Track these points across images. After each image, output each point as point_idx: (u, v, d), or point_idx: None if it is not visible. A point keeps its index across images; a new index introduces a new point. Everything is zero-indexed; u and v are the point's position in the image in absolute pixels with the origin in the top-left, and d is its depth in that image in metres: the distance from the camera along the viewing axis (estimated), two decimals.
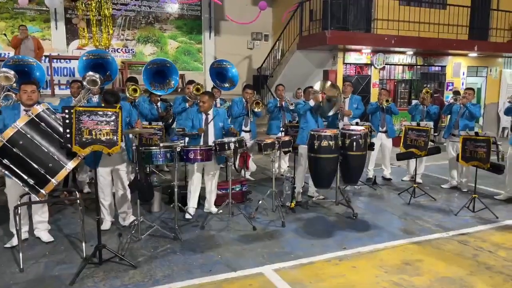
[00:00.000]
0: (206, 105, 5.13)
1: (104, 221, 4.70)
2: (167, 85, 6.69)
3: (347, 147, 5.15)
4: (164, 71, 6.71)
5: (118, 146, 3.63)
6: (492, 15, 12.21)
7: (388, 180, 7.19)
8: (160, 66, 6.72)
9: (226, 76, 7.63)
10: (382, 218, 5.28)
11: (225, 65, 7.70)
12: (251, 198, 6.00)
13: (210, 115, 5.21)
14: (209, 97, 5.20)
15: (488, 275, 3.70)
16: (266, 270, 3.78)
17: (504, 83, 12.66)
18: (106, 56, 6.77)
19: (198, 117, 5.18)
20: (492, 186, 6.62)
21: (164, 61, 6.90)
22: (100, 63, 6.56)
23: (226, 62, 7.75)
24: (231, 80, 7.67)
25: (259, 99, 7.07)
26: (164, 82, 6.71)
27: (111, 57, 6.79)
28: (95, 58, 6.61)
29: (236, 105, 6.75)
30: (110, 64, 6.61)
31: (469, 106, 6.24)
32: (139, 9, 11.23)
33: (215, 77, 7.52)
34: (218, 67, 7.67)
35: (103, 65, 6.56)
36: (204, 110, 5.16)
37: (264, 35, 12.80)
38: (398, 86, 11.39)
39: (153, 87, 6.62)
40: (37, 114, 3.67)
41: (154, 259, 3.98)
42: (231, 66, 7.73)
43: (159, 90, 6.67)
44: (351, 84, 7.45)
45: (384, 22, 10.28)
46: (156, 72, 6.72)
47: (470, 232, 4.76)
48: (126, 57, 11.19)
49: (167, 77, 6.70)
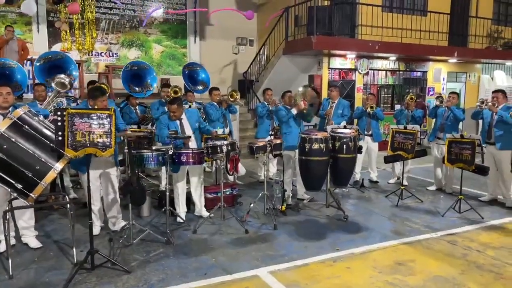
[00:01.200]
0: (177, 114, 4.99)
1: (94, 226, 4.58)
2: (145, 88, 6.63)
3: (337, 149, 5.21)
4: (141, 74, 6.65)
5: (112, 148, 3.58)
6: (471, 22, 12.60)
7: (375, 182, 7.29)
8: (138, 69, 6.66)
9: (197, 79, 7.63)
10: (372, 219, 5.34)
11: (196, 67, 7.72)
12: (242, 201, 5.98)
13: (184, 120, 5.10)
14: (178, 105, 5.01)
15: (479, 274, 3.79)
16: (262, 273, 3.77)
17: (483, 88, 13.05)
18: (61, 56, 6.49)
19: (174, 124, 5.01)
20: (476, 188, 6.79)
21: (143, 63, 6.86)
22: (57, 65, 6.30)
23: (196, 65, 7.77)
24: (203, 82, 7.69)
25: (233, 90, 7.06)
26: (142, 85, 6.65)
27: (65, 56, 6.50)
28: (50, 60, 6.33)
29: (210, 110, 6.64)
30: (67, 64, 6.34)
31: (453, 109, 6.41)
32: (123, 12, 11.12)
33: (188, 81, 7.51)
34: (190, 69, 7.67)
35: (61, 66, 6.32)
36: (176, 119, 5.02)
37: (249, 40, 12.85)
38: (381, 91, 11.60)
39: (132, 90, 6.54)
40: (19, 117, 3.57)
41: (147, 263, 3.92)
42: (201, 68, 7.75)
43: (137, 93, 6.60)
44: (337, 88, 7.55)
45: (367, 28, 10.47)
46: (134, 75, 6.65)
47: (458, 232, 4.87)
48: (110, 61, 11.04)
49: (145, 79, 6.64)
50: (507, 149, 5.76)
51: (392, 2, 11.41)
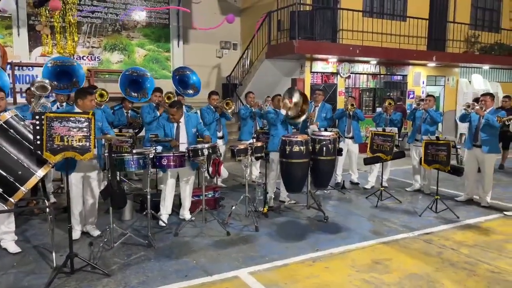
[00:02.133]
0: (177, 116, 5.12)
1: (73, 231, 4.56)
2: (141, 95, 6.67)
3: (317, 152, 5.30)
4: (141, 81, 6.71)
5: (91, 152, 3.59)
6: (449, 27, 12.94)
7: (355, 184, 7.42)
8: (138, 75, 6.72)
9: (188, 83, 7.66)
10: (351, 220, 5.45)
11: (187, 72, 7.74)
12: (224, 204, 6.03)
13: (181, 123, 5.21)
14: (177, 108, 5.12)
15: (452, 271, 3.91)
16: (242, 274, 3.82)
17: (461, 92, 13.39)
18: (72, 63, 6.67)
19: (169, 126, 5.17)
20: (453, 189, 6.97)
21: (144, 71, 6.94)
22: (65, 70, 6.45)
23: (187, 69, 7.79)
24: (194, 86, 7.72)
25: (229, 99, 7.17)
26: (139, 91, 6.69)
27: (77, 63, 6.69)
28: (61, 64, 6.49)
29: (206, 113, 6.76)
30: (76, 71, 6.51)
31: (430, 111, 6.58)
32: (106, 16, 11.07)
33: (178, 84, 7.53)
34: (180, 74, 7.70)
35: (69, 72, 6.45)
36: (175, 121, 5.16)
37: (233, 44, 12.93)
38: (363, 94, 11.80)
39: (128, 94, 6.58)
40: (6, 121, 3.56)
41: (128, 266, 3.93)
42: (192, 72, 7.78)
43: (133, 97, 6.63)
44: (322, 92, 7.65)
45: (349, 33, 10.66)
46: (133, 81, 6.70)
47: (434, 232, 5.00)
48: (92, 65, 10.97)
49: (143, 87, 6.70)
50: (492, 152, 5.90)
51: (373, 8, 11.64)
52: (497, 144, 5.96)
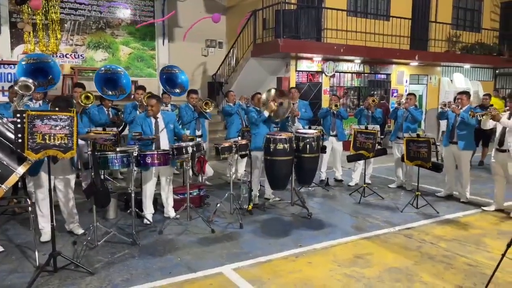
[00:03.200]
0: (155, 109, 5.08)
1: (43, 233, 4.47)
2: (119, 92, 6.60)
3: (301, 149, 5.36)
4: (116, 78, 6.59)
5: (74, 150, 3.59)
6: (431, 26, 13.16)
7: (339, 181, 7.52)
8: (112, 73, 6.60)
9: (176, 82, 7.63)
10: (335, 216, 5.54)
11: (175, 70, 7.70)
12: (209, 202, 6.05)
13: (159, 119, 5.18)
14: (157, 100, 5.14)
15: (431, 264, 4.02)
16: (226, 270, 3.87)
17: (443, 90, 13.64)
18: (47, 60, 6.49)
19: (147, 122, 5.09)
20: (433, 185, 7.12)
21: (117, 68, 6.80)
22: (40, 68, 6.29)
23: (175, 68, 7.75)
24: (181, 85, 7.70)
25: (208, 99, 7.16)
26: (116, 89, 6.61)
27: (51, 60, 6.51)
28: (35, 62, 6.34)
29: (184, 111, 6.71)
30: (51, 68, 6.36)
31: (411, 110, 6.72)
32: (89, 14, 10.97)
33: (165, 83, 7.50)
34: (168, 72, 7.66)
35: (44, 69, 6.31)
36: (153, 114, 5.10)
37: (219, 42, 12.94)
38: (348, 93, 11.94)
39: (105, 92, 6.49)
40: None
41: (112, 264, 3.93)
42: (180, 72, 7.75)
43: (111, 96, 6.56)
44: (297, 90, 7.71)
45: (333, 32, 10.77)
46: (108, 79, 6.60)
47: (414, 227, 5.12)
48: (76, 63, 10.86)
49: (119, 84, 6.59)
50: (468, 149, 6.09)
51: (357, 7, 11.78)
52: (472, 141, 6.15)
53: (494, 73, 15.41)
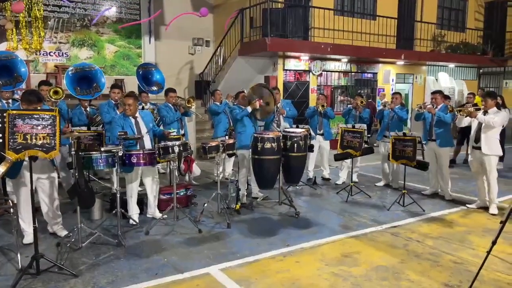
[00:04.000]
0: (133, 108, 4.95)
1: (26, 235, 4.36)
2: (93, 90, 6.42)
3: (288, 148, 5.36)
4: (89, 76, 6.40)
5: (57, 150, 3.51)
6: (416, 26, 13.30)
7: (327, 180, 7.55)
8: (83, 71, 6.38)
9: (152, 80, 7.54)
10: (322, 215, 5.54)
11: (151, 68, 7.62)
12: (196, 202, 6.01)
13: (139, 118, 5.08)
14: (134, 99, 5.01)
15: (417, 262, 4.05)
16: (213, 270, 3.83)
17: (428, 89, 13.78)
18: (11, 56, 6.25)
19: (128, 123, 4.95)
20: (419, 183, 7.20)
21: (87, 65, 6.61)
22: (5, 65, 6.06)
23: (151, 65, 7.68)
24: (158, 83, 7.61)
25: (191, 96, 7.09)
26: (90, 87, 6.41)
27: (16, 57, 6.28)
28: None
29: (165, 111, 6.50)
30: (16, 65, 6.13)
31: (396, 111, 6.77)
32: (74, 11, 10.78)
33: (142, 81, 7.41)
34: (144, 70, 7.57)
35: (9, 67, 6.09)
36: (131, 113, 4.97)
37: (206, 40, 12.85)
38: (335, 92, 11.99)
39: (78, 93, 6.30)
40: None
41: (96, 266, 3.87)
42: (156, 69, 7.66)
43: (85, 95, 6.35)
44: (278, 90, 7.67)
45: (320, 31, 10.80)
46: (81, 78, 6.38)
47: (400, 225, 5.16)
48: (60, 61, 10.66)
49: (93, 82, 6.41)
50: (446, 146, 6.21)
51: (343, 6, 11.83)
52: (450, 138, 6.31)
53: (478, 72, 15.65)
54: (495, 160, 5.57)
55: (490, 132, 5.45)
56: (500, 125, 5.45)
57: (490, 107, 5.49)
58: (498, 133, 5.55)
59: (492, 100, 5.49)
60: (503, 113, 5.47)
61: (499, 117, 5.39)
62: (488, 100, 5.49)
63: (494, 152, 5.50)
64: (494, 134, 5.48)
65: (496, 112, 5.45)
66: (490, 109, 5.49)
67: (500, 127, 5.51)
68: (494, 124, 5.36)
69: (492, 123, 5.36)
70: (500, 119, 5.38)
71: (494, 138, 5.49)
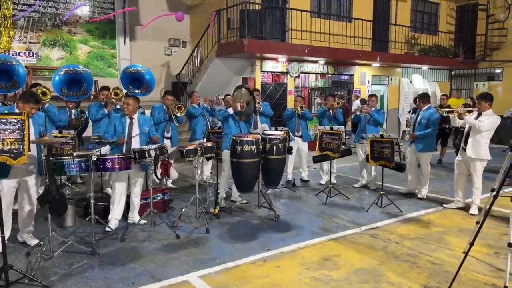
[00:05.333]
0: (131, 107, 4.96)
1: None
2: (80, 92, 6.27)
3: (267, 151, 5.30)
4: (78, 78, 6.25)
5: (25, 156, 3.34)
6: (391, 29, 13.54)
7: (306, 182, 7.54)
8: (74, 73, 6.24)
9: (143, 82, 7.33)
10: (302, 218, 5.52)
11: (140, 70, 7.40)
12: (174, 206, 5.88)
13: (134, 120, 5.02)
14: (134, 99, 5.03)
15: (396, 264, 4.07)
16: (192, 278, 3.74)
17: (403, 91, 14.07)
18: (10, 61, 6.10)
19: (121, 122, 4.97)
20: (396, 183, 7.29)
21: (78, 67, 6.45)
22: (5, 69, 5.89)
23: (140, 67, 7.45)
24: (147, 85, 7.41)
25: (181, 103, 6.98)
26: (78, 90, 6.25)
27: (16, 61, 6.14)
28: None
29: (157, 112, 6.59)
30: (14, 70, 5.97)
31: (373, 114, 6.82)
32: (44, 10, 10.43)
33: (129, 83, 7.18)
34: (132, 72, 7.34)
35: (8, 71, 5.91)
36: (129, 113, 4.97)
37: (182, 41, 12.70)
38: (312, 94, 12.05)
39: (64, 94, 6.14)
40: None
41: (69, 276, 3.70)
42: (146, 71, 7.45)
43: (71, 96, 6.21)
44: (258, 92, 7.65)
45: (297, 33, 10.82)
46: (70, 79, 6.23)
47: (379, 226, 5.19)
48: (30, 61, 10.31)
49: (81, 84, 6.26)
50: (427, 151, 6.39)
51: (320, 8, 11.90)
52: (433, 143, 6.48)
53: (450, 74, 16.08)
54: (482, 164, 5.49)
55: (478, 136, 5.35)
56: (489, 129, 5.34)
57: (483, 109, 5.36)
58: (488, 138, 5.42)
59: (486, 102, 5.34)
60: (495, 117, 5.35)
61: (489, 121, 5.27)
62: (482, 103, 5.36)
63: (480, 157, 5.40)
64: (482, 138, 5.36)
65: (491, 115, 5.33)
66: (484, 111, 5.36)
67: (491, 131, 5.40)
68: (481, 128, 5.27)
69: (478, 126, 5.26)
70: (489, 123, 5.27)
71: (482, 142, 5.38)
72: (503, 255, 4.16)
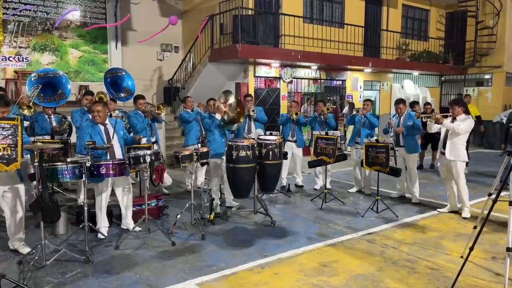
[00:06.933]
0: (102, 115, 4.73)
1: None
2: (58, 97, 6.12)
3: (263, 156, 5.28)
4: (53, 82, 6.10)
5: (18, 162, 3.26)
6: (382, 34, 13.65)
7: (300, 187, 7.52)
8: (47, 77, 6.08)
9: (121, 86, 7.23)
10: (298, 224, 5.48)
11: (121, 73, 7.28)
12: (168, 213, 5.80)
13: (108, 126, 4.85)
14: (103, 105, 4.82)
15: (394, 269, 4.05)
16: (189, 286, 3.67)
17: (394, 96, 14.11)
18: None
19: (97, 130, 4.71)
20: (390, 188, 7.28)
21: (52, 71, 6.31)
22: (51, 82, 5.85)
23: (121, 70, 7.34)
24: (127, 89, 7.31)
25: (160, 103, 6.88)
26: (55, 94, 6.10)
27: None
28: None
29: (135, 119, 6.23)
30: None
31: (368, 116, 6.85)
32: (35, 14, 10.30)
33: (110, 87, 7.07)
34: (112, 75, 7.23)
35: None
36: (101, 121, 4.74)
37: (174, 46, 12.64)
38: (305, 99, 12.06)
39: (42, 100, 5.97)
40: None
41: (63, 285, 3.61)
42: (126, 74, 7.34)
43: (49, 102, 6.05)
44: (251, 97, 7.62)
45: (290, 38, 10.85)
46: (45, 84, 6.07)
47: (376, 231, 5.17)
48: (20, 66, 10.15)
49: (57, 88, 6.11)
50: (413, 152, 6.54)
51: (313, 14, 11.96)
52: (417, 144, 6.66)
53: (440, 80, 16.26)
54: (462, 165, 5.70)
55: (456, 139, 5.57)
56: (466, 132, 5.58)
57: (457, 114, 5.62)
58: (464, 140, 5.67)
59: (459, 107, 5.62)
60: (469, 120, 5.60)
61: (465, 124, 5.52)
62: (455, 107, 5.62)
63: (459, 158, 5.61)
64: (459, 141, 5.59)
65: (464, 119, 5.58)
66: (458, 116, 5.62)
67: (467, 134, 5.66)
68: (459, 131, 5.48)
69: (457, 129, 5.48)
70: (466, 126, 5.52)
71: (460, 144, 5.61)
72: (501, 259, 4.18)
